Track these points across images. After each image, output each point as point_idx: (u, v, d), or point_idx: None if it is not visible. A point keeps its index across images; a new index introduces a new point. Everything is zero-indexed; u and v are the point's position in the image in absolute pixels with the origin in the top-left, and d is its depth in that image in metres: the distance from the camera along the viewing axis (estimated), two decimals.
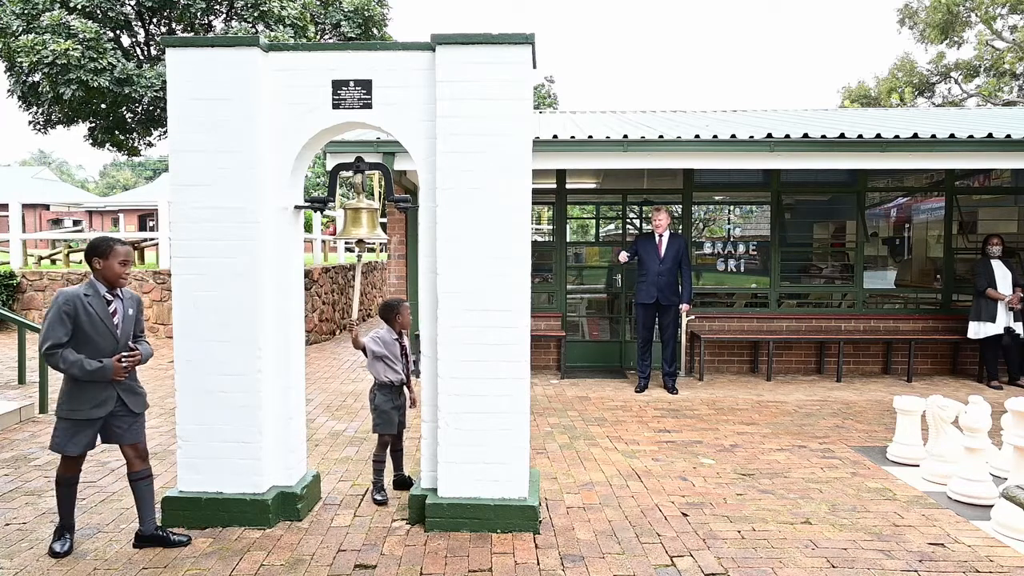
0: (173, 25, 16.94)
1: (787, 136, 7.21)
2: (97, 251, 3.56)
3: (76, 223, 37.35)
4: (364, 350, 4.45)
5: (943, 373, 8.73)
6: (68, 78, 14.47)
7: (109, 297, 3.59)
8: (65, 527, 3.68)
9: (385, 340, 4.47)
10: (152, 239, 14.40)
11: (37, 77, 15.13)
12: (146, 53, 17.29)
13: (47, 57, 14.14)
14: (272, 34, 15.73)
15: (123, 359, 3.55)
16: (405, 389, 4.60)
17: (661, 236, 7.57)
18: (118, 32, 16.69)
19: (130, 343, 3.66)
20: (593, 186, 10.04)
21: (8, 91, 16.33)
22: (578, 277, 9.54)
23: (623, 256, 7.73)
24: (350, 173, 4.18)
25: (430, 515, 3.91)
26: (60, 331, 3.44)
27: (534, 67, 3.91)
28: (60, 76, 14.49)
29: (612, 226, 11.92)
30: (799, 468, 5.06)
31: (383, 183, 4.34)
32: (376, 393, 4.51)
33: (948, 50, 25.73)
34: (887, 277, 9.68)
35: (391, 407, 4.47)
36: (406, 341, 4.60)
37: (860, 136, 7.21)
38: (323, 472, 4.83)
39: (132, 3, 16.14)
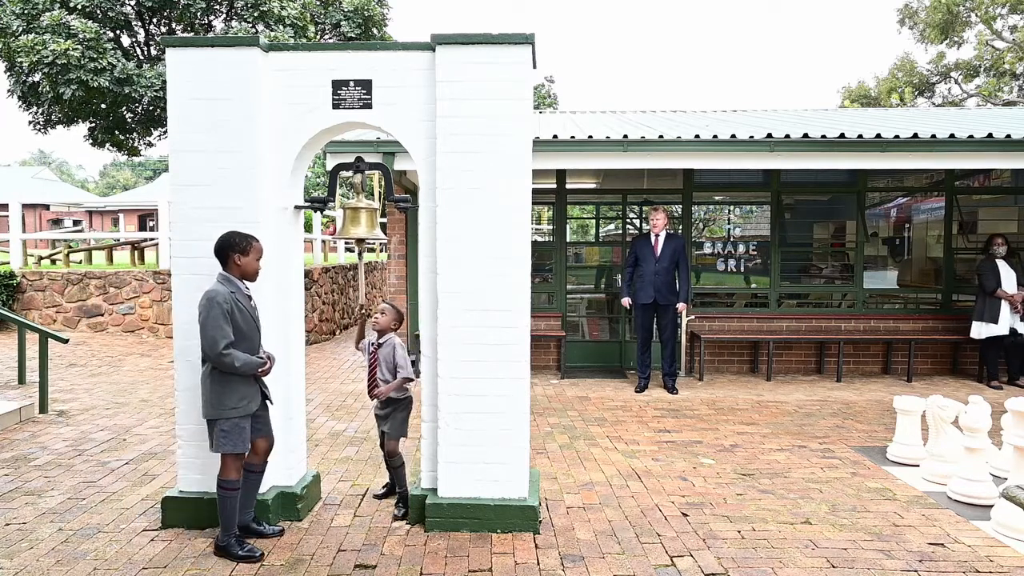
0: (173, 25, 16.94)
1: (787, 136, 7.22)
2: (238, 248, 3.57)
3: (76, 223, 37.40)
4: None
5: (943, 373, 8.73)
6: (68, 78, 14.46)
7: (249, 292, 3.65)
8: (236, 534, 3.61)
9: (366, 346, 4.31)
10: (152, 239, 14.39)
11: (37, 77, 15.12)
12: (146, 53, 17.27)
13: (47, 57, 14.13)
14: (272, 34, 15.72)
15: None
16: (409, 390, 4.31)
17: (658, 236, 7.57)
18: (118, 32, 16.67)
19: None
20: (593, 186, 10.03)
21: (8, 91, 16.31)
22: (578, 277, 9.55)
23: (626, 302, 7.82)
24: (350, 173, 4.18)
25: (430, 515, 3.91)
26: (228, 329, 3.43)
27: (534, 67, 3.92)
28: (60, 76, 14.49)
29: (612, 226, 11.92)
30: (799, 468, 5.06)
31: (383, 183, 4.33)
32: None
33: (948, 50, 25.75)
34: (887, 277, 9.67)
35: (375, 412, 4.40)
36: (395, 343, 4.24)
37: (860, 136, 7.21)
38: (323, 472, 4.83)
39: (132, 3, 16.13)
